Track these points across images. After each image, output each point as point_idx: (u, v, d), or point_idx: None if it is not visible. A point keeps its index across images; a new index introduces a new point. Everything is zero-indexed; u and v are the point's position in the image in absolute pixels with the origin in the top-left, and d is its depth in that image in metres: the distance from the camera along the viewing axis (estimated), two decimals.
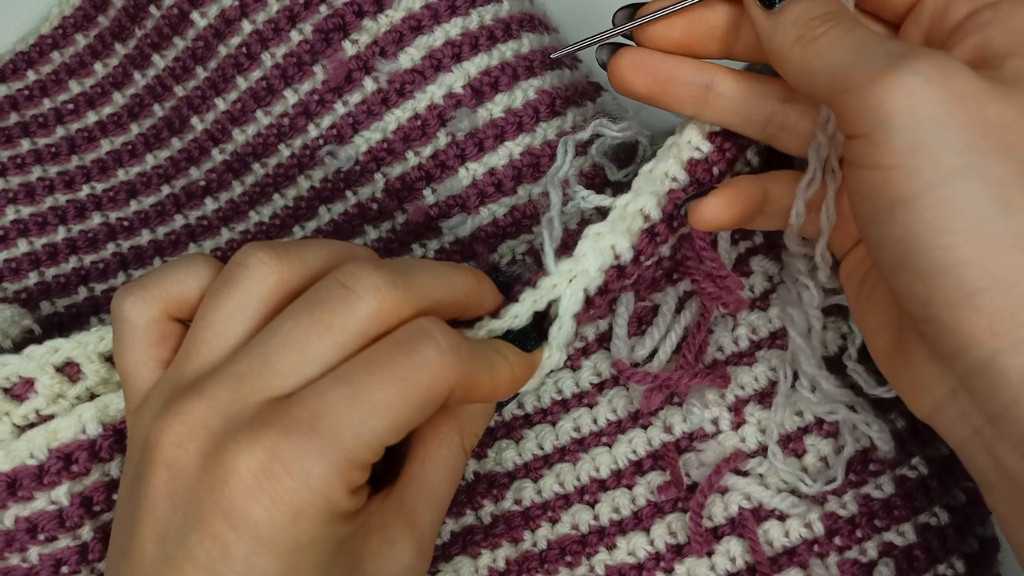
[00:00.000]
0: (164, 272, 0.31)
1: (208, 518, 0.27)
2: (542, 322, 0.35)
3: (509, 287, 0.35)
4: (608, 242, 0.35)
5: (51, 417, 0.35)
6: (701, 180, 0.36)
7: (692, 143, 0.36)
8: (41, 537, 0.34)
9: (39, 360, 0.35)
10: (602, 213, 0.36)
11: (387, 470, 0.32)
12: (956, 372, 0.28)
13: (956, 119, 0.26)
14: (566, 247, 0.35)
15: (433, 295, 0.30)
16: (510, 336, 0.34)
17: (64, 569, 0.35)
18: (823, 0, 0.30)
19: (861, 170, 0.28)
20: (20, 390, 0.35)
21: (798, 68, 0.30)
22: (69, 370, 0.35)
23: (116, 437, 0.35)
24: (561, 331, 0.35)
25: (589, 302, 0.35)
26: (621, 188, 0.42)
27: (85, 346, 0.35)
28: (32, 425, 0.35)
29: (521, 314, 0.34)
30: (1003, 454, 0.28)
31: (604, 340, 0.41)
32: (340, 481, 0.27)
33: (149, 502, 0.28)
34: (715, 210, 0.33)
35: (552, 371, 0.37)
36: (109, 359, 0.36)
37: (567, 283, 0.34)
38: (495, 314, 0.34)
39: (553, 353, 0.35)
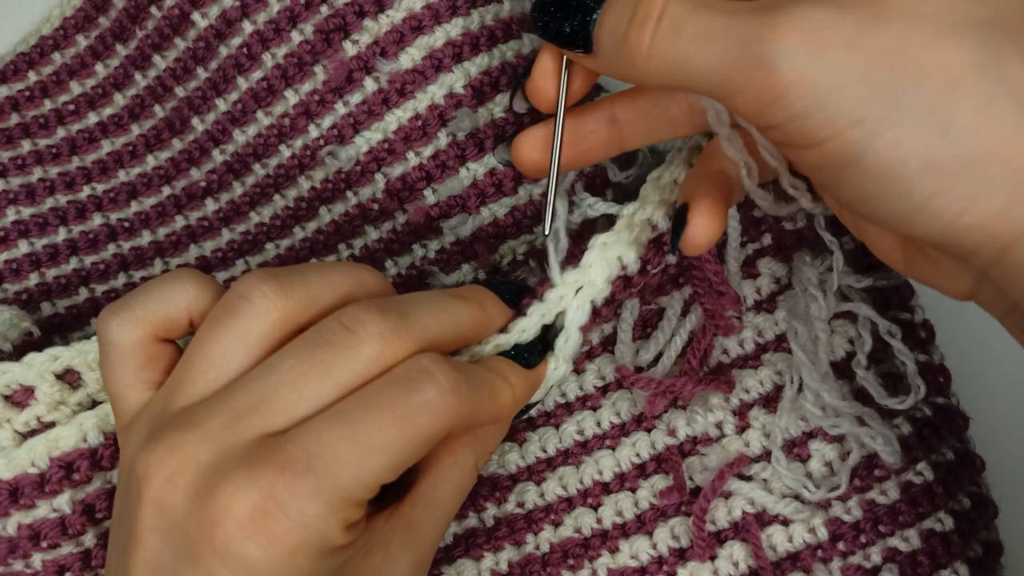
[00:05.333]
0: (150, 291, 0.31)
1: (201, 555, 0.26)
2: (547, 332, 0.35)
3: (517, 295, 0.35)
4: (615, 253, 0.34)
5: (52, 424, 0.35)
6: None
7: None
8: (44, 544, 0.34)
9: (39, 368, 0.34)
10: (608, 219, 0.36)
11: (392, 485, 0.32)
12: (972, 269, 0.27)
13: (851, 72, 0.25)
14: (570, 254, 0.35)
15: (437, 336, 0.30)
16: (516, 349, 0.34)
17: (68, 575, 0.35)
18: (621, 5, 0.29)
19: (795, 151, 0.27)
20: (20, 397, 0.35)
21: (659, 85, 0.30)
22: (69, 377, 0.35)
23: (117, 447, 0.35)
24: (568, 343, 0.34)
25: (596, 313, 0.35)
26: (622, 189, 0.42)
27: (86, 355, 0.35)
28: (34, 432, 0.35)
29: (529, 328, 0.34)
30: None
31: (608, 343, 0.40)
32: (335, 520, 0.27)
33: (138, 536, 0.28)
34: (707, 229, 0.32)
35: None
36: None
37: (573, 294, 0.34)
38: (503, 328, 0.34)
39: (559, 365, 0.34)
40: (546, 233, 0.35)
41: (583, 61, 0.32)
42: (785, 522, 0.38)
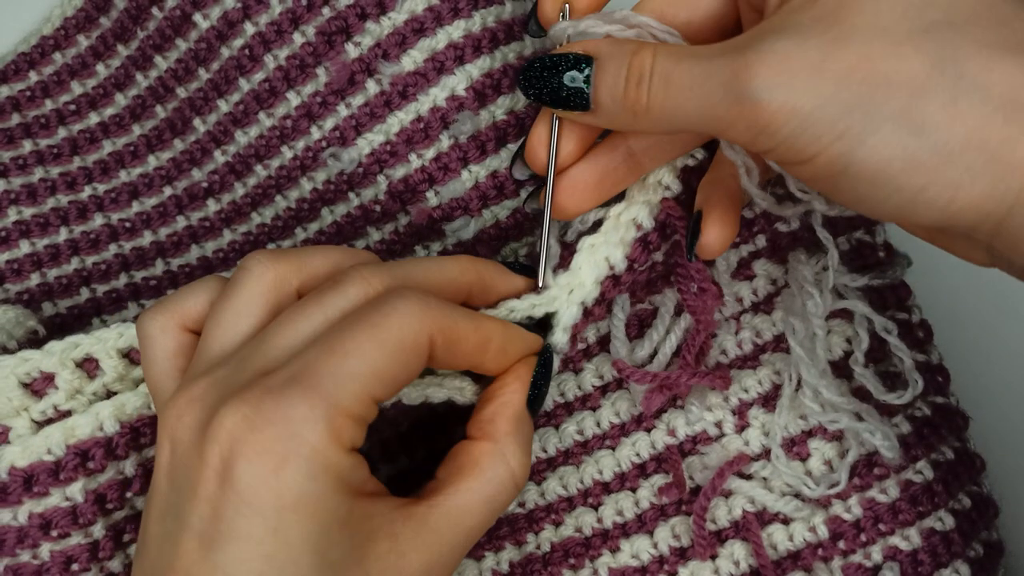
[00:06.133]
0: (179, 291, 0.33)
1: (200, 482, 0.27)
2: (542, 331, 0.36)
3: (524, 268, 0.37)
4: (603, 254, 0.36)
5: (68, 413, 0.35)
6: (668, 224, 0.36)
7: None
8: (54, 533, 0.34)
9: (60, 355, 0.35)
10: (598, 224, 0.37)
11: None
12: (980, 240, 0.29)
13: (824, 93, 0.27)
14: (561, 257, 0.37)
15: (419, 277, 0.32)
16: None
17: (74, 567, 0.35)
18: (614, 67, 0.31)
19: (790, 167, 0.29)
20: (40, 386, 0.35)
21: (662, 132, 0.33)
22: (88, 366, 0.36)
23: (132, 435, 0.35)
24: (553, 339, 0.36)
25: (587, 313, 0.36)
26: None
27: (104, 342, 0.35)
28: (49, 421, 0.35)
29: (517, 309, 0.35)
30: None
31: (605, 342, 0.41)
32: (325, 428, 0.27)
33: (154, 486, 0.29)
34: (719, 237, 0.35)
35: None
36: (127, 355, 0.36)
37: (566, 296, 0.36)
38: (492, 306, 0.35)
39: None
40: (539, 285, 0.36)
41: (583, 119, 0.33)
42: (785, 521, 0.38)
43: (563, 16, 0.34)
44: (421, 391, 0.35)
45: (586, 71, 0.32)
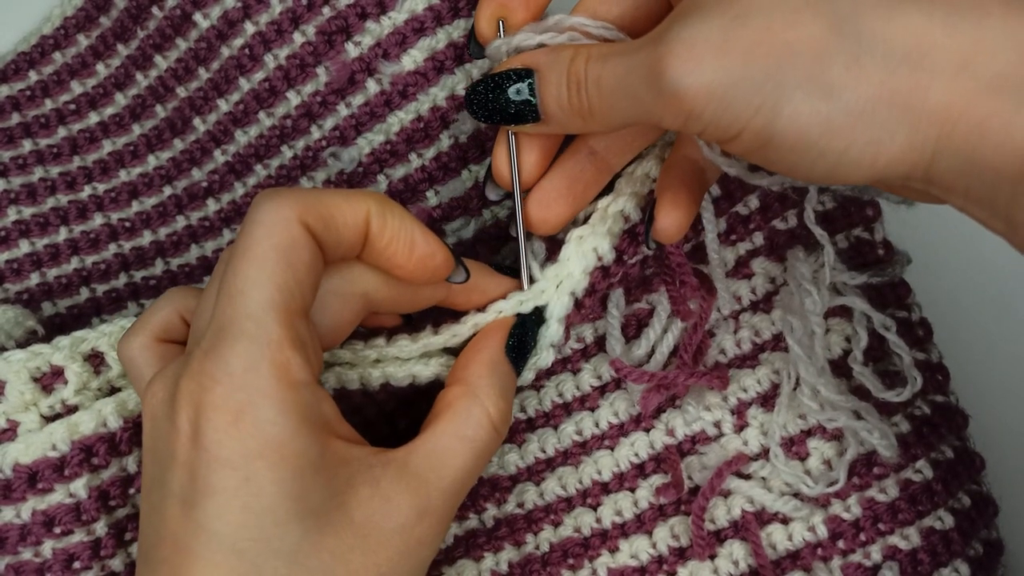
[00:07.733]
0: (146, 309, 0.34)
1: (177, 448, 0.28)
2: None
3: (509, 270, 0.37)
4: (590, 244, 0.36)
5: (75, 409, 0.35)
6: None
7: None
8: (56, 531, 0.34)
9: (70, 348, 0.35)
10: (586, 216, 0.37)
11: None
12: (919, 187, 0.29)
13: (734, 71, 0.27)
14: (549, 252, 0.37)
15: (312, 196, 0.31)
16: None
17: (76, 564, 0.35)
18: (555, 76, 0.32)
19: (723, 144, 0.30)
20: (48, 380, 0.35)
21: (615, 129, 0.34)
22: (94, 361, 0.36)
23: (134, 431, 0.36)
24: (548, 331, 0.36)
25: (578, 304, 0.36)
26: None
27: (109, 336, 0.36)
28: (57, 416, 0.35)
29: (506, 310, 0.35)
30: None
31: (603, 343, 0.41)
32: (268, 369, 0.28)
33: (143, 463, 0.30)
34: (673, 221, 0.35)
35: (550, 374, 0.39)
36: None
37: (555, 288, 0.36)
38: (481, 309, 0.36)
39: (540, 352, 0.36)
40: (524, 289, 0.36)
41: (537, 129, 0.34)
42: (785, 520, 0.38)
43: (500, 32, 0.35)
44: (408, 370, 0.35)
45: (528, 83, 0.33)
